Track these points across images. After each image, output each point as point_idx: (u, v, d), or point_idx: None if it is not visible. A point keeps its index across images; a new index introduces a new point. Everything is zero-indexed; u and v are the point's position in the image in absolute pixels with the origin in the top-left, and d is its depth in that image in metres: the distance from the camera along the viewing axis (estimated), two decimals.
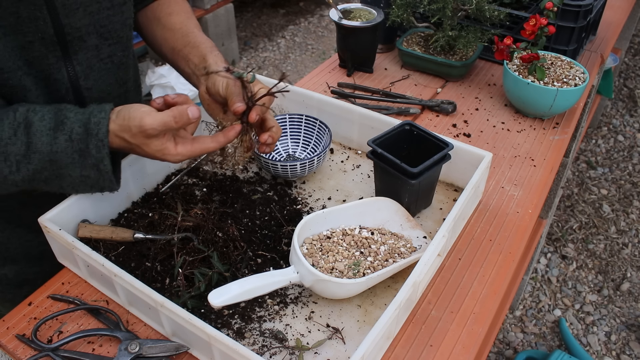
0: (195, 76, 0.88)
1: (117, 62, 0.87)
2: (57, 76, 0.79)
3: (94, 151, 0.71)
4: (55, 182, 0.74)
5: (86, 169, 0.72)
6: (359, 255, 0.81)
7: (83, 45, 0.80)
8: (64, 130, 0.71)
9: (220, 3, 3.24)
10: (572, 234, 2.47)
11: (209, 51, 0.87)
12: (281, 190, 0.99)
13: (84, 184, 0.75)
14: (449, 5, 1.23)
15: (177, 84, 2.86)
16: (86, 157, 0.71)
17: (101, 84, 0.86)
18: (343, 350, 0.74)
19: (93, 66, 0.83)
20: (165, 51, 0.94)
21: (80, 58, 0.81)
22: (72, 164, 0.72)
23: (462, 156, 0.95)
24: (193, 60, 0.87)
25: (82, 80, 0.83)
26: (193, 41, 0.89)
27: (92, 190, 0.77)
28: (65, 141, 0.70)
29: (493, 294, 0.82)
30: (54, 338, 0.76)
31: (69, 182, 0.74)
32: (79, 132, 0.71)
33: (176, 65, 0.93)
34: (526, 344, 2.05)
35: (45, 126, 0.70)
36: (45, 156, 0.70)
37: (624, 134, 3.06)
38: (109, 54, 0.85)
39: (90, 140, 0.71)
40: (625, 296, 2.21)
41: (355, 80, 1.35)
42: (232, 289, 0.73)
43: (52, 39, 0.76)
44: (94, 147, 0.71)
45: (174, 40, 0.91)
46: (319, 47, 3.88)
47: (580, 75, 1.19)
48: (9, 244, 0.94)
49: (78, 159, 0.71)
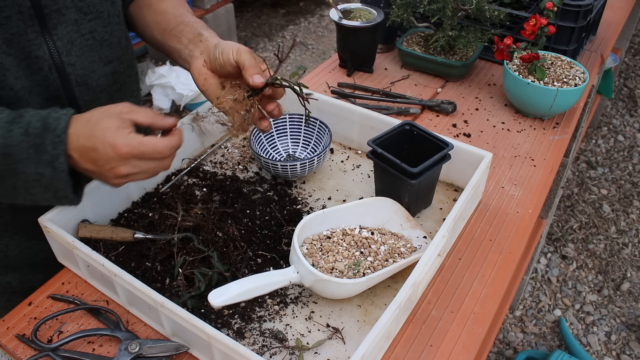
0: (187, 50, 0.85)
1: (99, 38, 0.85)
2: (38, 53, 0.77)
3: (50, 147, 0.67)
4: (9, 179, 0.69)
5: (40, 165, 0.67)
6: (359, 255, 0.81)
7: (62, 19, 0.79)
8: (21, 124, 0.67)
9: (220, 3, 3.24)
10: (572, 234, 2.47)
11: (204, 28, 0.86)
12: (281, 190, 0.99)
13: (38, 183, 0.69)
14: (449, 5, 1.23)
15: (177, 83, 2.86)
16: (42, 153, 0.67)
17: (84, 60, 0.84)
18: (343, 350, 0.74)
19: (74, 41, 0.81)
20: (155, 34, 0.91)
21: (60, 33, 0.79)
22: (27, 159, 0.67)
23: (462, 156, 0.95)
24: (186, 36, 0.85)
25: (65, 56, 0.81)
26: (186, 21, 0.88)
27: (47, 194, 0.71)
28: (21, 134, 0.67)
29: (493, 294, 0.82)
30: (54, 338, 0.76)
31: (23, 181, 0.69)
32: (37, 126, 0.67)
33: (166, 45, 0.89)
34: (526, 344, 2.05)
35: (1, 119, 0.67)
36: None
37: (624, 134, 3.06)
38: (90, 30, 0.83)
39: (46, 136, 0.67)
40: (625, 296, 2.21)
41: (355, 80, 1.35)
42: (232, 289, 0.73)
43: (30, 12, 0.74)
44: (50, 142, 0.67)
45: (166, 22, 0.90)
46: (319, 47, 3.88)
47: (580, 75, 1.19)
48: (8, 251, 0.92)
49: (33, 155, 0.67)
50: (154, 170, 0.72)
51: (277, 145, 1.08)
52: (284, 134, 1.08)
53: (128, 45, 0.95)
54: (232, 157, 1.08)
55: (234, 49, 0.77)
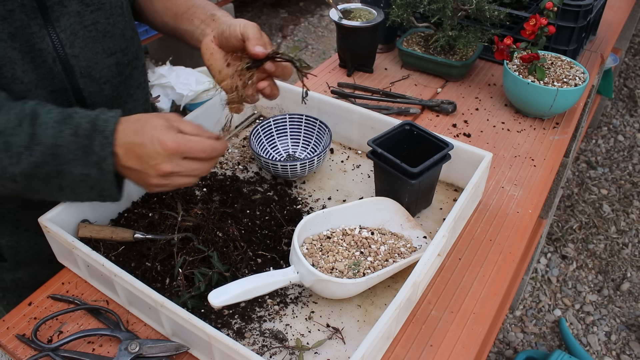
0: (199, 30, 0.86)
1: (101, 29, 0.85)
2: (41, 45, 0.78)
3: (97, 148, 0.68)
4: (55, 180, 0.71)
5: (88, 167, 0.69)
6: (359, 255, 0.81)
7: (64, 10, 0.79)
8: (71, 124, 0.69)
9: (220, 3, 3.24)
10: (572, 234, 2.47)
11: (216, 9, 0.88)
12: (281, 190, 0.99)
13: (84, 184, 0.72)
14: (449, 5, 1.23)
15: (177, 83, 2.86)
16: (89, 155, 0.69)
17: (87, 52, 0.84)
18: (343, 350, 0.74)
19: (77, 33, 0.82)
20: (167, 20, 0.93)
21: (63, 25, 0.80)
22: (74, 160, 0.69)
23: (462, 156, 0.95)
24: (199, 17, 0.87)
25: (68, 48, 0.81)
26: (197, 3, 0.90)
27: (92, 194, 0.73)
28: (70, 135, 0.68)
29: (493, 294, 0.82)
30: (54, 338, 0.76)
31: (69, 182, 0.71)
32: (86, 127, 0.69)
33: (179, 29, 0.91)
34: (526, 344, 2.05)
35: (52, 119, 0.68)
36: (48, 149, 0.68)
37: (624, 134, 3.06)
38: (93, 21, 0.84)
39: (95, 137, 0.69)
40: (625, 296, 2.21)
41: (355, 80, 1.35)
42: (232, 289, 0.73)
43: (32, 5, 0.75)
44: (99, 144, 0.68)
45: (176, 6, 0.91)
46: (319, 47, 3.88)
47: (580, 75, 1.19)
48: (19, 247, 0.93)
49: (81, 156, 0.69)
50: (195, 172, 0.72)
51: (277, 145, 1.08)
52: (284, 134, 1.08)
53: (134, 37, 0.95)
54: (232, 157, 1.08)
55: (241, 23, 0.78)
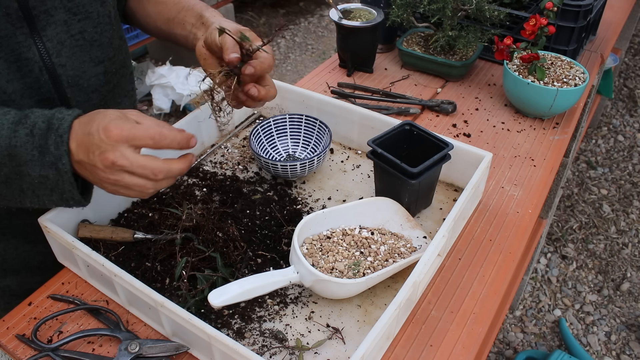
0: (192, 34, 0.87)
1: (89, 38, 0.84)
2: (27, 55, 0.77)
3: (52, 147, 0.66)
4: (16, 182, 0.69)
5: (45, 167, 0.66)
6: (359, 255, 0.81)
7: (51, 19, 0.78)
8: (26, 124, 0.66)
9: (220, 3, 3.24)
10: (572, 234, 2.47)
11: (205, 9, 0.88)
12: (281, 190, 0.99)
13: (43, 186, 0.68)
14: (449, 5, 1.23)
15: (177, 83, 2.86)
16: (45, 154, 0.66)
17: (74, 61, 0.83)
18: (343, 350, 0.74)
19: (64, 42, 0.81)
20: (160, 24, 0.93)
21: (49, 34, 0.79)
22: (31, 161, 0.66)
23: (462, 156, 0.95)
24: (189, 21, 0.87)
25: (55, 57, 0.80)
26: (186, 5, 0.90)
27: (54, 196, 0.70)
28: (26, 135, 0.66)
29: (493, 294, 0.82)
30: (54, 338, 0.76)
31: (29, 184, 0.68)
32: (42, 127, 0.66)
33: (172, 34, 0.92)
34: (526, 344, 2.05)
35: (8, 120, 0.67)
36: (3, 150, 0.66)
37: (624, 134, 3.06)
38: (80, 30, 0.83)
39: (50, 136, 0.66)
40: (625, 296, 2.21)
41: (355, 80, 1.35)
42: (232, 289, 0.73)
43: (18, 14, 0.74)
44: (53, 143, 0.65)
45: (168, 10, 0.92)
46: (319, 47, 3.88)
47: (580, 75, 1.19)
48: (6, 255, 0.92)
49: (37, 156, 0.66)
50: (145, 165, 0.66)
51: (277, 145, 1.08)
52: (284, 134, 1.08)
53: (121, 45, 0.94)
54: (232, 157, 1.08)
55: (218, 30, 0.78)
